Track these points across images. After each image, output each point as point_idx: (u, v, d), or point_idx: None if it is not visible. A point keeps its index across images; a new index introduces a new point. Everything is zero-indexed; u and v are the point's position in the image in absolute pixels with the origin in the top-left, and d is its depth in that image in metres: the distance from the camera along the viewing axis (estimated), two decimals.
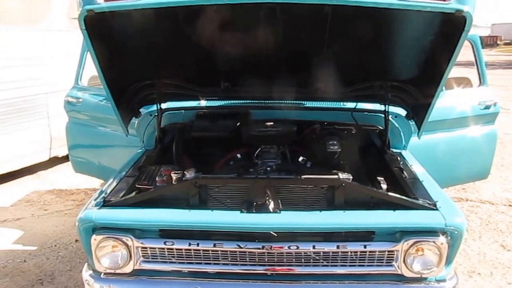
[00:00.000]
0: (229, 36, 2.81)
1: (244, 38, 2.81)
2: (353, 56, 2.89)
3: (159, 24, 2.65)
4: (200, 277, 2.40)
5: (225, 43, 2.84)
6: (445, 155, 3.88)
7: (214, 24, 2.67)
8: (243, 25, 2.70)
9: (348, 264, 2.34)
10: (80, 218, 2.41)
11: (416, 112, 3.04)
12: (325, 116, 3.37)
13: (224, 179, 2.57)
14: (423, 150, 3.39)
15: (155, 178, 2.72)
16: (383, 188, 2.55)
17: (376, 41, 2.70)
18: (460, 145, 3.95)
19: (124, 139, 4.01)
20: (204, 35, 2.77)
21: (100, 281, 2.45)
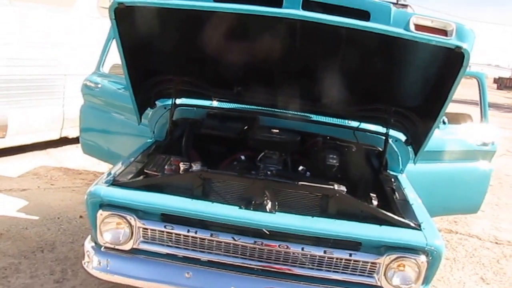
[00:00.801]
0: (248, 43, 3.00)
1: (261, 47, 3.00)
2: (362, 78, 3.07)
3: (184, 24, 2.85)
4: (192, 263, 2.56)
5: (243, 50, 3.02)
6: (438, 185, 4.04)
7: (235, 31, 2.86)
8: (262, 35, 2.89)
9: (332, 269, 2.51)
10: (89, 192, 2.59)
11: (415, 139, 3.21)
12: (328, 131, 3.54)
13: (227, 176, 2.74)
14: (418, 177, 3.55)
15: (163, 166, 2.90)
16: (374, 204, 2.72)
17: (384, 67, 2.88)
18: (454, 177, 4.11)
19: (135, 128, 4.21)
20: (225, 39, 2.96)
21: (100, 253, 2.62)
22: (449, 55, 2.37)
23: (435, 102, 2.75)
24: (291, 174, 3.02)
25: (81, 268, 3.05)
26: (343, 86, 3.16)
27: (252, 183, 2.67)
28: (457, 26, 2.30)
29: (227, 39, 2.97)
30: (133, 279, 2.54)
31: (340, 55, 2.92)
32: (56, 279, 3.00)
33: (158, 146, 3.30)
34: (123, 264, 2.59)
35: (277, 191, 2.65)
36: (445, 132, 4.05)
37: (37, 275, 3.03)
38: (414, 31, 2.30)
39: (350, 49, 2.81)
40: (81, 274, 3.05)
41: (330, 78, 3.15)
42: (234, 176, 2.73)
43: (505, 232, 5.19)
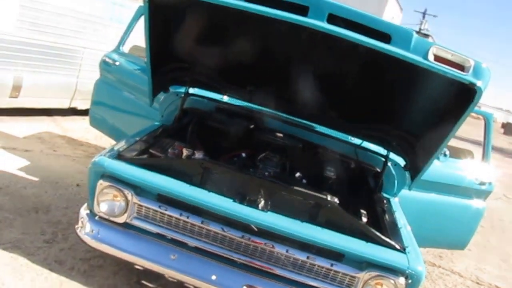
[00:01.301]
0: (267, 46, 3.09)
1: (279, 52, 3.09)
2: (372, 96, 3.15)
3: (211, 18, 2.94)
4: (179, 246, 2.64)
5: (261, 51, 3.11)
6: (429, 215, 4.11)
7: (258, 32, 2.95)
8: (283, 40, 2.97)
9: (312, 276, 2.58)
10: (93, 161, 2.68)
11: (413, 165, 3.28)
12: (331, 143, 3.62)
13: (226, 169, 2.82)
14: (410, 203, 3.62)
15: (167, 149, 2.99)
16: (363, 220, 2.79)
17: (396, 89, 2.96)
18: (446, 211, 4.18)
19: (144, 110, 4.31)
20: (246, 39, 3.05)
21: (93, 222, 2.71)
22: (462, 89, 2.44)
23: (439, 133, 2.82)
24: (288, 178, 3.09)
25: (71, 233, 3.17)
26: (352, 102, 3.25)
27: (249, 180, 2.75)
28: (476, 63, 2.38)
29: (248, 39, 3.06)
30: (120, 251, 2.62)
31: (355, 72, 3.00)
32: (46, 239, 3.08)
33: (165, 130, 3.39)
34: (113, 236, 2.67)
35: (272, 191, 2.73)
36: (444, 164, 4.12)
37: (29, 233, 3.11)
38: (432, 61, 2.38)
39: (365, 67, 2.89)
40: (70, 239, 3.12)
41: (341, 92, 3.24)
42: (233, 170, 2.81)
43: (488, 274, 5.24)
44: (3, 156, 4.36)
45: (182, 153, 2.93)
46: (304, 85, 3.32)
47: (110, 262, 2.95)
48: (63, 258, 2.91)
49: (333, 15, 2.46)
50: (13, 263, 2.75)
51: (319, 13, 2.45)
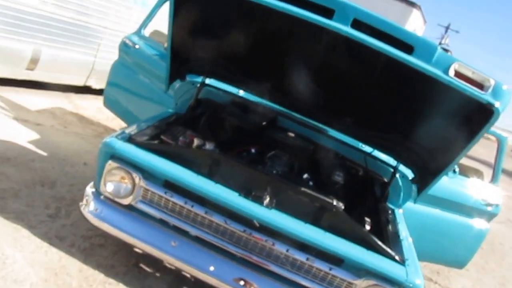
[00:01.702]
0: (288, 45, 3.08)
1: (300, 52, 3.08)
2: (388, 106, 3.13)
3: (235, 12, 2.94)
4: (180, 234, 2.65)
5: (282, 49, 3.10)
6: (431, 230, 4.09)
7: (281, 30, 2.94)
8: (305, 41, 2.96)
9: (309, 277, 2.58)
10: (104, 142, 2.69)
11: (422, 179, 3.26)
12: (341, 149, 3.61)
13: (235, 162, 2.82)
14: (414, 216, 3.61)
15: (178, 137, 3.00)
16: (366, 228, 2.78)
17: (414, 102, 2.94)
18: (449, 228, 4.15)
19: (159, 96, 4.34)
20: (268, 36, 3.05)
21: (98, 201, 2.73)
22: (479, 109, 2.41)
23: (452, 150, 2.81)
24: (295, 178, 3.09)
25: (74, 210, 3.19)
26: (368, 109, 3.24)
27: (257, 176, 2.75)
28: (496, 83, 2.36)
29: (271, 36, 3.05)
30: (121, 232, 2.64)
31: (373, 79, 2.98)
32: (49, 214, 3.10)
33: (178, 118, 3.40)
34: (116, 216, 2.69)
35: (278, 189, 2.73)
36: (453, 181, 4.09)
37: (33, 206, 3.13)
38: (452, 76, 2.36)
39: (384, 76, 2.87)
40: (73, 216, 3.14)
41: (358, 99, 3.22)
42: (242, 164, 2.81)
43: None
44: (14, 127, 4.40)
45: (192, 143, 2.94)
46: (320, 88, 3.31)
47: (111, 242, 2.96)
48: (64, 234, 2.93)
49: (358, 20, 2.45)
50: (15, 234, 2.77)
51: (344, 17, 2.44)
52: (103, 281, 2.67)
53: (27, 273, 2.49)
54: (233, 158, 2.88)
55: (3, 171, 3.43)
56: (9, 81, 5.44)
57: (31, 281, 2.45)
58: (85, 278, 2.64)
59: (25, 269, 2.51)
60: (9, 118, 4.60)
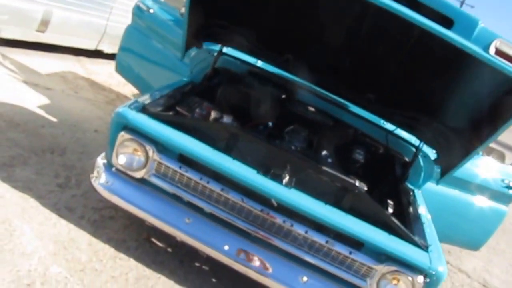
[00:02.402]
0: (314, 14, 2.88)
1: (326, 21, 2.89)
2: (416, 82, 2.95)
3: None
4: (194, 211, 2.55)
5: (306, 19, 2.91)
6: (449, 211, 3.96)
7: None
8: (332, 9, 2.77)
9: (327, 260, 2.48)
10: (117, 112, 2.56)
11: (446, 161, 3.11)
12: (362, 125, 3.46)
13: (254, 138, 2.68)
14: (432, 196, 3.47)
15: (194, 108, 2.85)
16: (389, 211, 2.65)
17: (445, 79, 2.76)
18: (467, 209, 4.02)
19: (173, 63, 4.17)
20: (292, 4, 2.86)
21: (109, 173, 2.62)
22: None
23: (482, 132, 2.65)
24: (315, 156, 2.94)
25: (84, 180, 3.09)
26: (394, 85, 3.07)
27: (277, 153, 2.62)
28: None
29: (293, 4, 2.86)
30: (133, 206, 2.54)
31: (403, 53, 2.80)
32: (59, 183, 3.00)
33: (194, 87, 3.24)
34: (128, 190, 2.58)
35: (299, 168, 2.60)
36: (473, 162, 3.94)
37: (42, 174, 3.03)
38: (492, 54, 2.18)
39: (415, 50, 2.69)
40: (83, 186, 3.05)
41: (384, 74, 3.05)
42: (261, 140, 2.67)
43: (495, 278, 5.13)
44: (24, 91, 4.27)
45: (209, 115, 2.80)
46: (345, 60, 3.14)
47: (122, 214, 2.88)
48: (74, 205, 2.84)
49: None
50: (23, 204, 2.68)
51: None
52: (114, 256, 2.59)
53: (35, 246, 2.41)
54: (252, 133, 2.73)
55: (11, 137, 3.32)
56: (18, 43, 5.27)
57: (39, 255, 2.37)
58: (94, 252, 2.56)
59: (33, 242, 2.43)
60: (19, 81, 4.46)
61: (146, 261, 2.67)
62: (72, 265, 2.40)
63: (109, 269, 2.49)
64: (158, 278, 2.60)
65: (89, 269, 2.43)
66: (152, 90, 4.02)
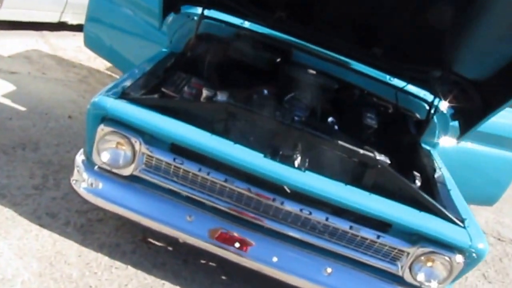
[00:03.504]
0: None
1: None
2: (430, 31, 2.56)
3: None
4: (196, 205, 2.22)
5: None
6: (463, 167, 3.68)
7: None
8: None
9: (352, 247, 2.20)
10: (93, 102, 2.16)
11: (466, 116, 2.80)
12: (367, 84, 3.10)
13: (257, 116, 2.31)
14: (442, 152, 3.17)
15: (182, 87, 2.45)
16: (417, 184, 2.35)
17: (460, 24, 2.39)
18: (481, 163, 3.75)
19: (147, 31, 3.69)
20: None
21: (92, 173, 2.25)
22: None
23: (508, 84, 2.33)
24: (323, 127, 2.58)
25: (64, 178, 2.73)
26: (403, 36, 2.70)
27: (283, 129, 2.25)
28: None
29: None
30: (125, 209, 2.20)
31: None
32: (35, 184, 2.62)
33: (177, 60, 2.81)
34: (118, 190, 2.24)
35: (310, 146, 2.26)
36: None
37: (15, 176, 2.64)
38: None
39: None
40: (63, 185, 2.67)
41: (389, 23, 2.68)
42: (266, 118, 2.30)
43: (508, 229, 4.97)
44: None
45: (201, 94, 2.40)
46: (344, 12, 2.74)
47: (111, 215, 2.50)
48: (55, 210, 2.48)
49: None
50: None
51: None
52: (109, 265, 2.27)
53: (16, 268, 2.06)
54: (254, 110, 2.35)
55: None
56: None
57: (22, 278, 2.02)
58: (86, 264, 2.22)
59: (13, 263, 2.07)
60: None
61: (146, 266, 2.35)
62: (62, 286, 2.06)
63: (106, 283, 2.17)
64: (163, 284, 2.29)
65: (83, 287, 2.10)
66: (128, 65, 3.58)
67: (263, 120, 2.29)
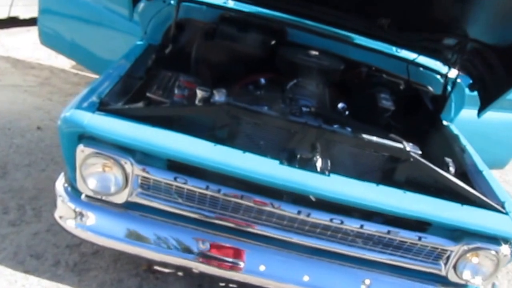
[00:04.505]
0: None
1: None
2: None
3: None
4: (208, 228, 1.89)
5: None
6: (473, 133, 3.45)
7: None
8: None
9: (390, 251, 1.93)
10: (65, 118, 1.78)
11: (487, 87, 2.52)
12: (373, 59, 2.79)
13: (266, 116, 1.96)
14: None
15: (171, 89, 2.07)
16: (451, 172, 2.08)
17: None
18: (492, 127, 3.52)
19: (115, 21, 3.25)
20: None
21: (79, 203, 1.89)
22: None
23: None
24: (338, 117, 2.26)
25: (44, 206, 2.34)
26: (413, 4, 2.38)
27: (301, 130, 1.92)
28: None
29: None
30: (127, 243, 1.85)
31: None
32: (11, 220, 2.22)
33: (158, 55, 2.41)
34: (112, 222, 1.88)
35: (329, 143, 1.94)
36: None
37: None
38: None
39: None
40: (45, 215, 2.30)
41: None
42: (278, 118, 1.96)
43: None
44: None
45: (194, 94, 2.03)
46: None
47: None
48: (41, 249, 2.11)
49: None
50: None
51: None
52: None
53: None
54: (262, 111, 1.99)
55: None
56: None
57: None
58: None
59: None
60: None
61: None
62: None
63: None
64: None
65: None
66: (95, 61, 3.18)
67: (272, 120, 1.95)
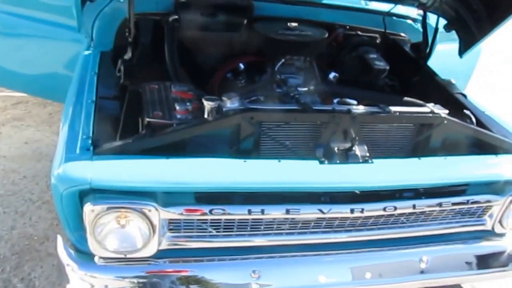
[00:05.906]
0: None
1: None
2: None
3: None
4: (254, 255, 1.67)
5: None
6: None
7: None
8: None
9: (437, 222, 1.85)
10: (60, 177, 1.43)
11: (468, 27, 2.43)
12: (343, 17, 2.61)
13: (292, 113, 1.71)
14: None
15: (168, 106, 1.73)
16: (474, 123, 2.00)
17: None
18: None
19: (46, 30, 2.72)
20: None
21: (97, 269, 1.55)
22: None
23: None
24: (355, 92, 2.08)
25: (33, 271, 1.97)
26: None
27: (331, 119, 1.70)
28: None
29: None
30: None
31: None
32: None
33: (127, 66, 2.01)
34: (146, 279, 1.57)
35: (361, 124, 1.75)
36: None
37: None
38: None
39: None
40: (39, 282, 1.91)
41: None
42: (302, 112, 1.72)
43: None
44: None
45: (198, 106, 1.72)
46: None
47: None
48: None
49: None
50: None
51: None
52: None
53: None
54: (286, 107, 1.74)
55: None
56: None
57: None
58: None
59: None
60: None
61: None
62: None
63: None
64: None
65: None
66: (24, 80, 2.73)
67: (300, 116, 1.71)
